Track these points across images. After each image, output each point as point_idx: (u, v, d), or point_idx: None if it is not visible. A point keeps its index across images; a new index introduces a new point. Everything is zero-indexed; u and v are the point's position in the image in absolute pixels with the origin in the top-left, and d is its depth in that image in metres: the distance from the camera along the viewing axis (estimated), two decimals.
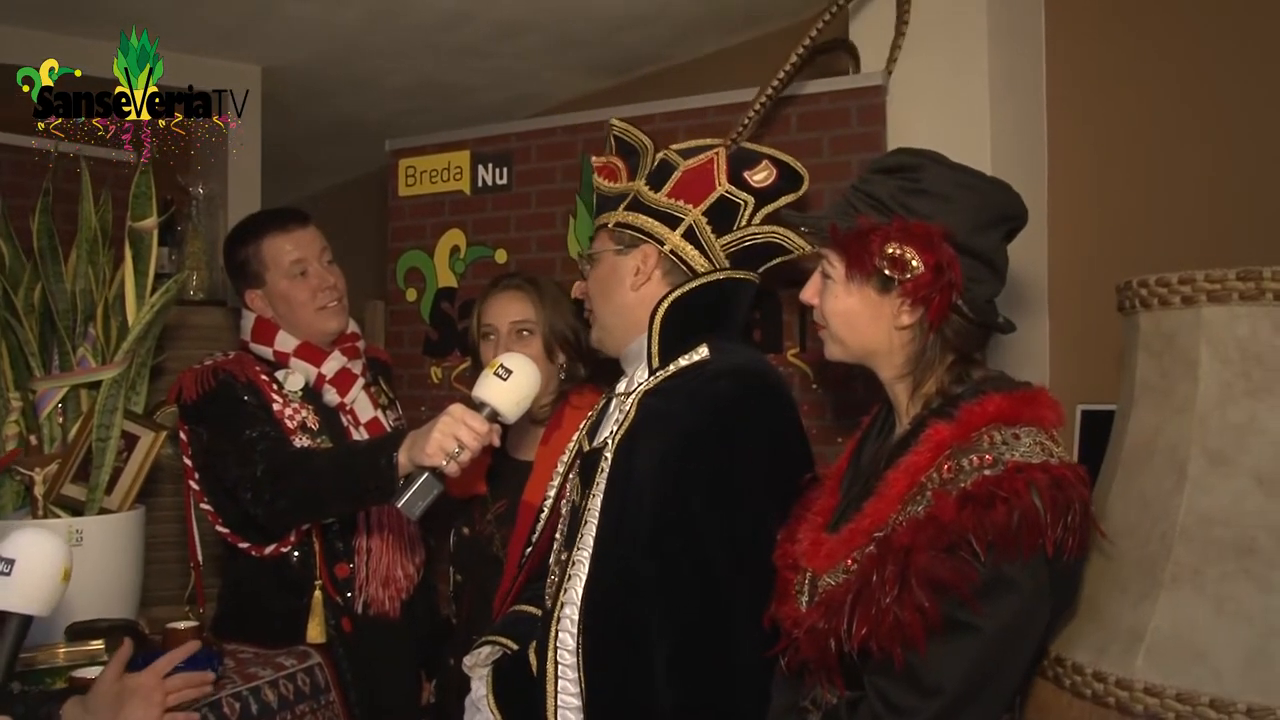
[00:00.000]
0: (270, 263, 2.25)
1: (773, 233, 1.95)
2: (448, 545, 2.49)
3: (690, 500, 1.61)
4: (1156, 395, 1.56)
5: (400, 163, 3.11)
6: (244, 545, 2.22)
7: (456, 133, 3.06)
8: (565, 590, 1.72)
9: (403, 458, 1.79)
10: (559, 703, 1.68)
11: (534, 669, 1.74)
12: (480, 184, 2.99)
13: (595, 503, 1.71)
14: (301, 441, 2.18)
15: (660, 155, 1.91)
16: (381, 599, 2.27)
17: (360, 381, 2.34)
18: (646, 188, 1.87)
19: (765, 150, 1.99)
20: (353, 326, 2.40)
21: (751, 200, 1.91)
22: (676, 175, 1.86)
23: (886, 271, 1.38)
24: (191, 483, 2.25)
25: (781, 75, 2.24)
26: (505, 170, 2.95)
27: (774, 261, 1.96)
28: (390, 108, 4.46)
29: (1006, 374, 1.45)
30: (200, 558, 2.33)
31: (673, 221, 1.84)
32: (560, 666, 1.69)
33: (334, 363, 2.29)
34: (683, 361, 1.76)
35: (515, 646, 1.84)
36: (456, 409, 1.76)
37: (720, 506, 1.61)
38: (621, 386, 1.88)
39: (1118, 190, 2.46)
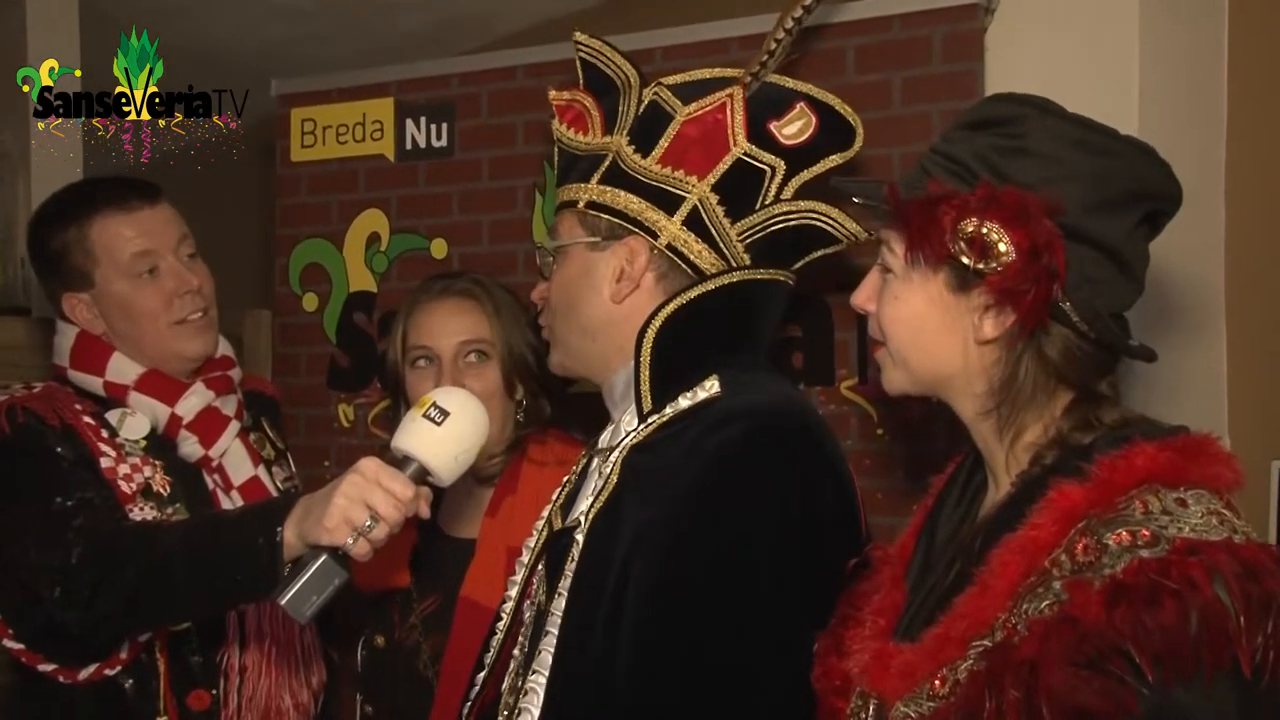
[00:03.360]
0: (102, 255, 2.21)
1: (809, 211, 1.89)
2: (354, 662, 2.46)
3: (687, 596, 1.63)
4: None
5: (294, 114, 3.12)
6: (48, 668, 2.13)
7: (374, 72, 3.06)
8: None
9: (290, 534, 1.78)
10: None
11: None
12: (409, 146, 2.99)
13: (559, 604, 1.73)
14: (143, 513, 2.14)
15: (650, 95, 1.90)
16: None
17: (234, 427, 2.32)
18: (630, 148, 1.87)
19: (799, 87, 1.95)
20: (224, 348, 2.38)
21: (782, 165, 1.88)
22: (673, 130, 1.86)
23: (965, 259, 1.38)
24: None
25: None
26: (444, 127, 2.96)
27: (815, 255, 1.93)
28: (275, 33, 4.40)
29: (1148, 417, 1.44)
30: None
31: (670, 202, 1.84)
32: None
33: (195, 400, 2.27)
34: (684, 402, 1.77)
35: None
36: (369, 465, 1.74)
37: (728, 605, 1.62)
38: (606, 438, 1.90)
39: None
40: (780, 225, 1.87)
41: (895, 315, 1.49)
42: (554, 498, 1.97)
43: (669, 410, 1.76)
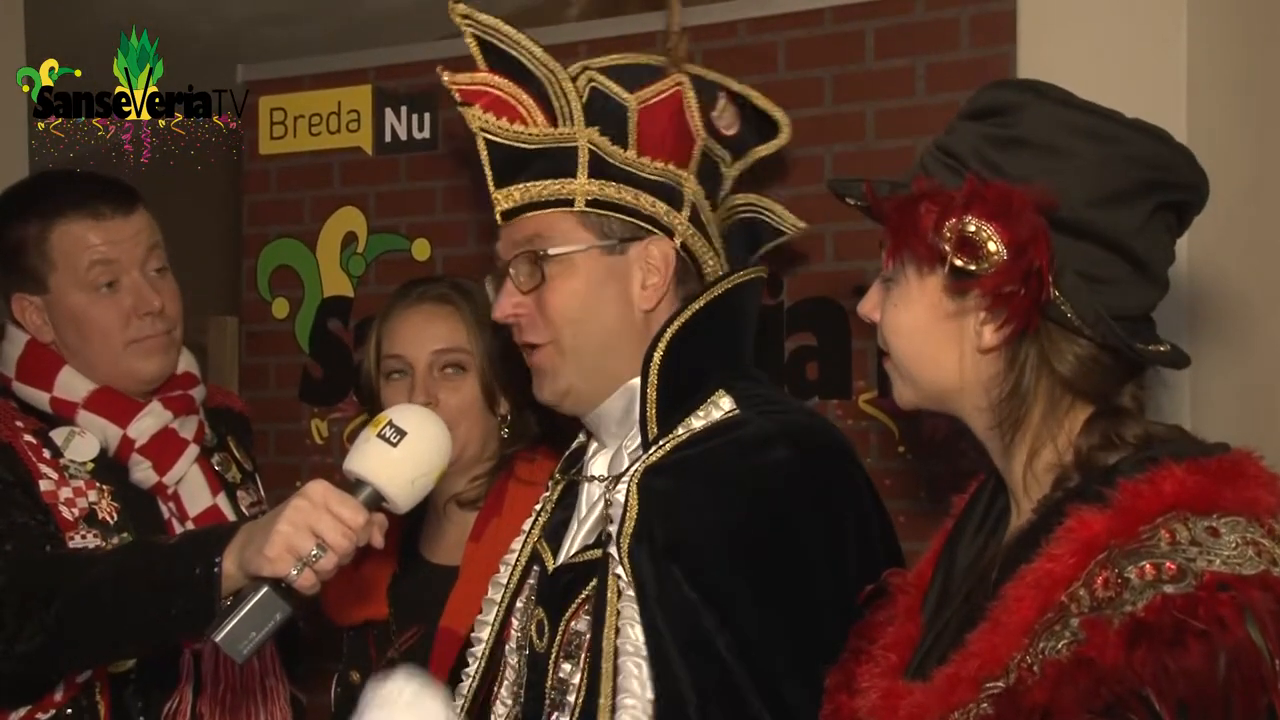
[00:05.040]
0: (60, 261, 2.21)
1: (754, 204, 1.98)
2: (327, 701, 2.46)
3: (747, 630, 1.66)
4: None
5: (262, 103, 3.12)
6: None
7: (350, 56, 3.08)
8: None
9: (230, 564, 1.77)
10: None
11: None
12: (388, 137, 3.01)
13: (627, 645, 1.71)
14: (85, 540, 2.13)
15: (586, 82, 1.90)
16: None
17: (191, 451, 2.31)
18: (605, 139, 1.87)
19: (715, 77, 2.03)
20: (186, 363, 2.37)
21: (728, 156, 1.96)
22: (633, 120, 1.88)
23: (957, 261, 1.38)
24: None
25: None
26: (427, 117, 2.97)
27: (763, 249, 2.01)
28: (239, 12, 4.40)
29: (1185, 430, 1.44)
30: None
31: (674, 197, 1.88)
32: None
33: (149, 421, 2.26)
34: (696, 423, 1.79)
35: None
36: (316, 489, 1.74)
37: (790, 633, 1.67)
38: (599, 467, 1.90)
39: None
40: (734, 219, 1.94)
41: (896, 324, 1.49)
42: (526, 528, 1.98)
43: (681, 430, 1.77)
